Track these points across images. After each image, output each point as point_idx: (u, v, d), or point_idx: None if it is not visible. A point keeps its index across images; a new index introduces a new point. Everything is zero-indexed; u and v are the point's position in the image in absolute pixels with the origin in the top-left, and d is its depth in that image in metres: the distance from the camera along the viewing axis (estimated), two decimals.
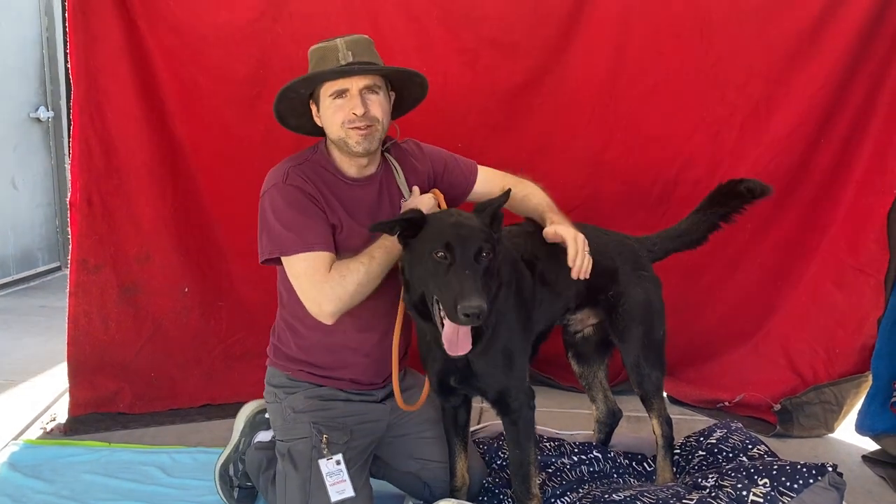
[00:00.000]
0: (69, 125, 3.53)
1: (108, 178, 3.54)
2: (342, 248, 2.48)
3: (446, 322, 2.20)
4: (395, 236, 2.35)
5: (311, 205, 2.44)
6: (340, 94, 2.44)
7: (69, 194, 3.54)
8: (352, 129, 2.44)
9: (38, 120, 6.52)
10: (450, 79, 3.66)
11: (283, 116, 2.60)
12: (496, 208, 2.36)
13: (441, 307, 2.21)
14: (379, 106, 2.48)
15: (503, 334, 2.44)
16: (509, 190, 2.46)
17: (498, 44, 3.71)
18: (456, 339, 2.20)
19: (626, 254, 2.86)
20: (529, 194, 2.74)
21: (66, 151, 4.17)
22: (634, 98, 3.75)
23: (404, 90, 2.66)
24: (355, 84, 2.44)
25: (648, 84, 3.72)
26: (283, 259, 2.44)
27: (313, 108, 2.55)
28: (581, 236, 2.51)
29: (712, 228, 3.00)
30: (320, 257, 2.39)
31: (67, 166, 3.58)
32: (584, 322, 2.95)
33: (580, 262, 2.48)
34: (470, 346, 2.22)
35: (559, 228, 2.55)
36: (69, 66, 3.43)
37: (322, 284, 2.36)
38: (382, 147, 2.64)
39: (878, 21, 3.46)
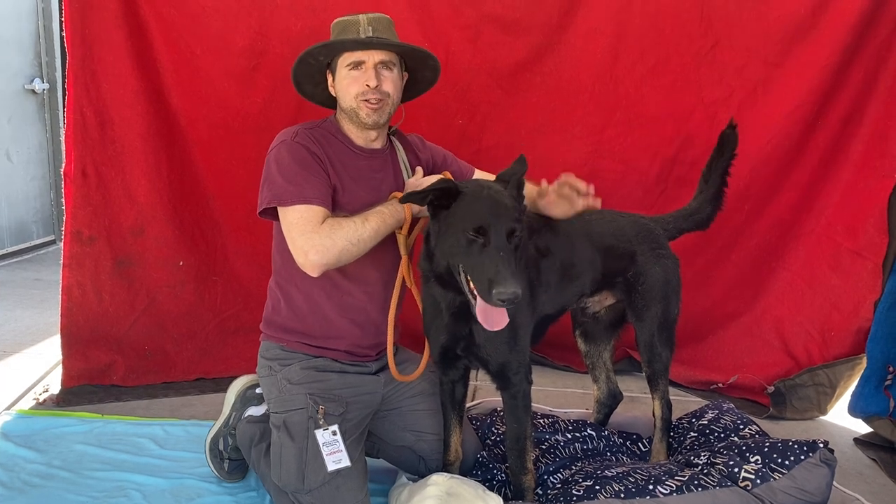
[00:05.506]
0: (64, 97, 3.49)
1: (102, 148, 3.50)
2: (341, 211, 2.51)
3: (479, 299, 2.20)
4: (425, 206, 2.38)
5: (314, 163, 2.49)
6: (357, 65, 2.52)
7: (63, 165, 3.51)
8: (363, 101, 2.52)
9: (34, 92, 6.44)
10: (451, 55, 3.64)
11: (298, 81, 2.69)
12: (520, 177, 2.39)
13: (471, 282, 2.21)
14: (392, 82, 2.56)
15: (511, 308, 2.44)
16: (523, 157, 2.47)
17: (499, 20, 3.69)
18: (492, 315, 2.21)
19: (643, 234, 2.86)
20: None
21: (61, 124, 4.14)
22: (634, 78, 3.74)
23: (417, 72, 2.72)
24: (372, 58, 2.52)
25: (648, 64, 3.72)
26: (280, 210, 2.46)
27: (329, 77, 2.64)
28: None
29: (717, 205, 3.03)
30: (315, 210, 2.41)
31: (62, 139, 3.54)
32: (602, 303, 2.95)
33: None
34: (507, 321, 2.22)
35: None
36: (64, 35, 3.38)
37: (311, 234, 2.38)
38: (389, 130, 2.72)
39: (879, 4, 3.44)
